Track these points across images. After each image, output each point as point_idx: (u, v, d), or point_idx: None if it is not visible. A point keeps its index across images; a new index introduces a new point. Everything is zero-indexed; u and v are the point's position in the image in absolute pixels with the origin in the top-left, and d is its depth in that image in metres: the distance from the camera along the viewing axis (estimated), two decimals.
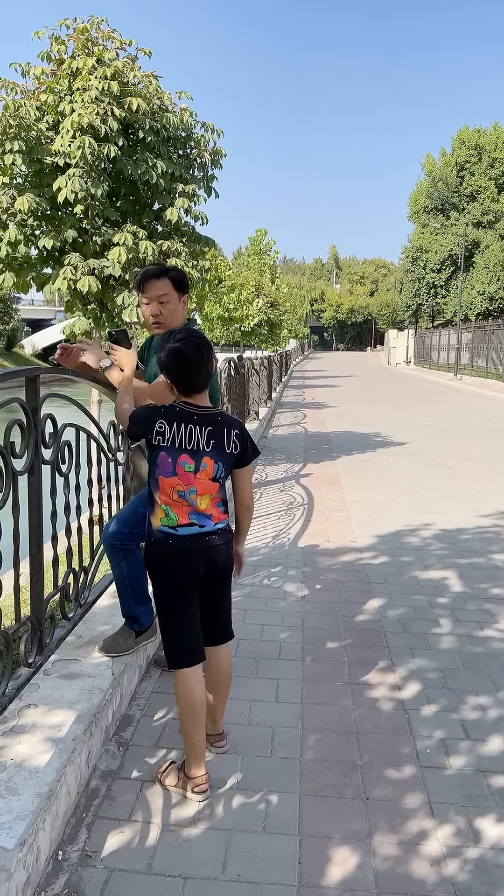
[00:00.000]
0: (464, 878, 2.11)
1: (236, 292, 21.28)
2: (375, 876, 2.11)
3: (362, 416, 15.62)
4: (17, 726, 2.41)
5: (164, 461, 2.39)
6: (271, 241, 33.73)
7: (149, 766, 2.63)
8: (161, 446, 2.39)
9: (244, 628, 3.84)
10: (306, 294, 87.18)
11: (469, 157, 48.13)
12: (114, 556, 2.99)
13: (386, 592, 4.54)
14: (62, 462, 2.85)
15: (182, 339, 2.35)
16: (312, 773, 2.60)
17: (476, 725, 2.95)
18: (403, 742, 2.83)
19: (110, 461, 3.46)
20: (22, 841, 1.88)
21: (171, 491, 2.40)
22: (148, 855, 2.17)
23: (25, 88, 6.85)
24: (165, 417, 2.39)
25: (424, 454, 10.43)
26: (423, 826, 2.34)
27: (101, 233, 6.97)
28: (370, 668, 3.45)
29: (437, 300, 50.24)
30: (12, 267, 7.04)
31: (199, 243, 7.68)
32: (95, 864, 2.12)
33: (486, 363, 30.59)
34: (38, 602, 2.69)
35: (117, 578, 3.05)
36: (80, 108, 6.37)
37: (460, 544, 5.71)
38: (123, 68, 6.70)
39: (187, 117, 7.11)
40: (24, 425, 2.50)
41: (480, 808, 2.43)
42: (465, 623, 4.05)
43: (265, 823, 2.33)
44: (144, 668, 3.35)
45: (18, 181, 6.95)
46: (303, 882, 2.08)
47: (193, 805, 2.41)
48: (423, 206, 51.06)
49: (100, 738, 2.64)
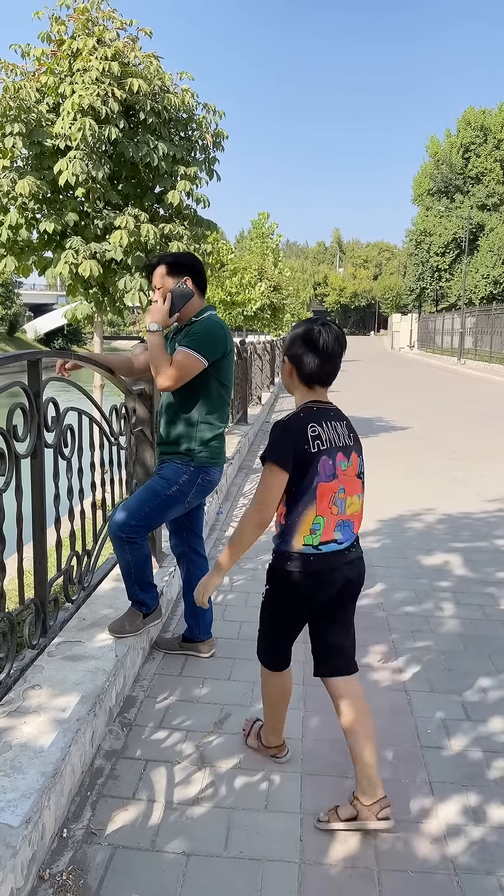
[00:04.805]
0: (464, 857, 2.14)
1: (238, 276, 21.18)
2: (376, 853, 2.14)
3: (365, 400, 15.59)
4: (22, 707, 2.44)
5: (325, 465, 2.15)
6: (274, 225, 33.51)
7: (152, 746, 2.66)
8: (321, 451, 2.15)
9: (246, 611, 3.86)
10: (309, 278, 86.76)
11: (474, 139, 47.65)
12: (120, 546, 3.01)
13: (388, 576, 4.55)
14: (65, 446, 2.85)
15: (323, 324, 2.17)
16: (314, 753, 2.63)
17: (477, 707, 2.98)
18: (404, 723, 2.85)
19: (112, 445, 3.47)
20: (27, 818, 1.91)
21: (332, 497, 2.17)
22: (151, 832, 2.20)
23: (25, 70, 6.77)
24: (313, 420, 2.17)
25: (428, 439, 10.42)
26: (424, 805, 2.36)
27: (103, 216, 6.92)
28: (372, 651, 3.47)
29: (441, 284, 49.97)
30: (13, 251, 7.00)
31: (201, 226, 7.62)
32: (100, 842, 2.16)
33: (490, 347, 30.48)
34: (42, 585, 2.70)
35: (123, 567, 3.07)
36: (80, 90, 6.30)
37: (463, 528, 5.72)
38: (124, 49, 6.61)
39: (189, 98, 7.03)
40: (26, 409, 2.50)
41: (480, 788, 2.45)
42: (467, 606, 4.07)
43: (267, 802, 2.36)
44: (147, 650, 3.38)
45: (19, 164, 6.89)
46: (304, 859, 2.11)
47: (196, 784, 2.44)
48: (427, 188, 50.63)
49: (103, 719, 2.67)
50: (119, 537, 2.98)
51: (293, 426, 2.15)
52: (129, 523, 2.96)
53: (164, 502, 3.01)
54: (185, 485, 3.02)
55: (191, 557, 3.37)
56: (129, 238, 6.60)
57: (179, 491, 3.01)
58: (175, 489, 3.00)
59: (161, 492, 3.00)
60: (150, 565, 3.14)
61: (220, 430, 3.10)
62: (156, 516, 3.04)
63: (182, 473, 3.01)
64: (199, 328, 2.97)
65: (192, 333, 2.95)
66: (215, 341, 2.95)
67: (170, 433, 3.07)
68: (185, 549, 3.37)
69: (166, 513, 3.08)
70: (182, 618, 3.59)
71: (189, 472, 3.02)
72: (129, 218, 6.67)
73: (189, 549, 3.37)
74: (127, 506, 3.03)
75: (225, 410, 3.11)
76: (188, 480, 3.02)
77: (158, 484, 3.03)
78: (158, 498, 3.00)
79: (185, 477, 3.01)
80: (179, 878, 2.02)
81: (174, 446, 3.05)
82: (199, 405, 3.01)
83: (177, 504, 3.05)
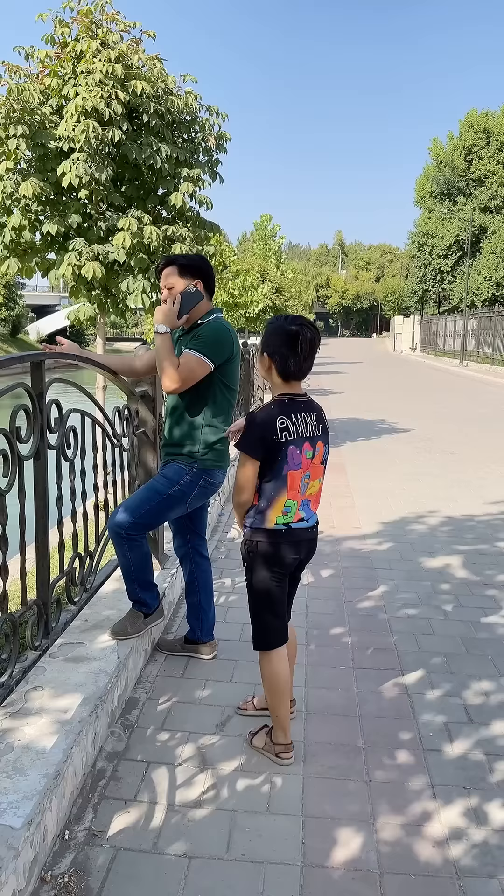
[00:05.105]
0: (466, 860, 2.13)
1: (241, 278, 21.22)
2: (378, 857, 2.13)
3: (367, 402, 15.58)
4: (24, 708, 2.44)
5: (293, 455, 2.41)
6: (276, 227, 33.56)
7: (154, 748, 2.66)
8: (289, 441, 2.40)
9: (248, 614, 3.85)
10: (311, 280, 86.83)
11: (477, 141, 47.64)
12: (119, 544, 3.01)
13: (390, 578, 4.55)
14: (67, 447, 2.85)
15: (301, 325, 2.38)
16: (316, 756, 2.63)
17: (479, 710, 2.97)
18: (407, 725, 2.84)
19: (115, 447, 3.47)
20: (29, 820, 1.91)
21: (300, 483, 2.45)
22: (153, 835, 2.20)
23: (29, 72, 6.80)
24: (283, 413, 2.40)
25: (430, 441, 10.41)
26: (426, 808, 2.36)
27: (106, 218, 6.94)
28: (374, 653, 3.47)
29: (444, 286, 49.94)
30: (17, 252, 7.02)
31: (204, 228, 7.64)
32: (101, 844, 2.15)
33: (493, 349, 30.45)
34: (45, 586, 2.70)
35: (122, 566, 3.07)
36: (84, 92, 6.32)
37: (465, 531, 5.71)
38: (128, 51, 6.64)
39: (192, 101, 7.05)
40: (29, 410, 2.50)
41: (483, 791, 2.44)
42: (470, 609, 4.06)
43: (269, 804, 2.35)
44: (150, 651, 3.38)
45: (23, 166, 6.92)
46: (306, 862, 2.10)
47: (198, 786, 2.43)
48: (429, 190, 50.61)
49: (105, 721, 2.67)
50: (118, 534, 2.98)
51: (263, 418, 2.40)
52: (129, 521, 2.96)
53: (165, 502, 3.01)
54: (186, 485, 3.02)
55: (194, 559, 3.37)
56: (132, 240, 6.61)
57: (181, 491, 3.01)
58: (176, 489, 3.00)
59: (162, 491, 3.00)
60: (150, 564, 3.14)
61: (224, 434, 3.10)
62: (156, 515, 3.04)
63: (184, 474, 3.02)
64: (205, 331, 2.96)
65: (199, 336, 2.95)
66: (222, 344, 2.95)
67: (174, 435, 3.07)
68: (188, 550, 3.38)
69: (167, 512, 3.08)
70: (183, 620, 3.59)
71: (192, 473, 3.02)
72: (132, 220, 6.68)
73: (192, 550, 3.37)
74: (127, 504, 3.03)
75: (229, 413, 3.11)
76: (190, 481, 3.02)
77: (160, 483, 3.03)
78: (159, 497, 3.00)
79: (187, 478, 3.01)
80: (181, 881, 2.01)
81: (178, 448, 3.06)
82: (203, 408, 3.01)
83: (178, 504, 3.05)
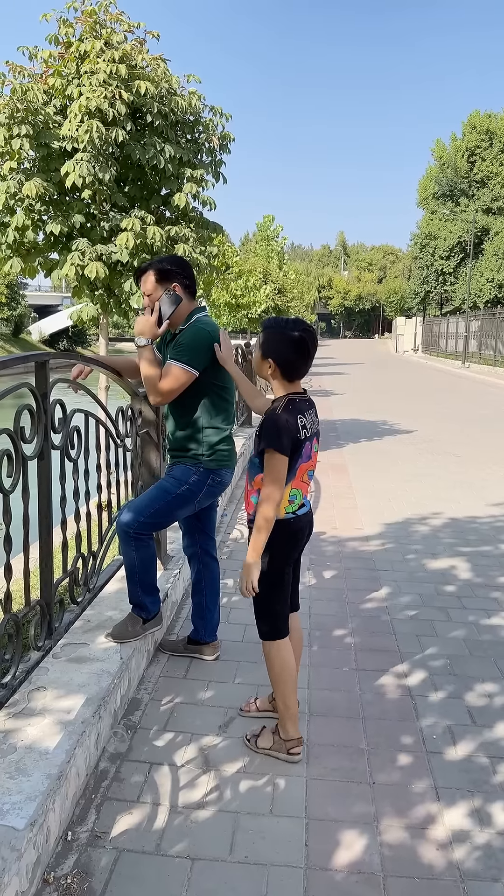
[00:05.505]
0: (470, 863, 2.12)
1: (244, 279, 21.22)
2: (381, 859, 2.13)
3: (369, 403, 15.57)
4: (27, 709, 2.43)
5: (307, 450, 2.52)
6: (279, 227, 33.54)
7: (157, 749, 2.65)
8: (307, 437, 2.50)
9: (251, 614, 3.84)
10: (314, 281, 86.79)
11: (480, 143, 47.60)
12: (126, 543, 3.00)
13: (393, 580, 4.54)
14: (71, 447, 2.86)
15: (304, 330, 2.47)
16: (319, 758, 2.62)
17: (483, 712, 2.96)
18: (410, 728, 2.84)
19: (118, 447, 3.47)
20: (32, 821, 1.91)
21: (304, 474, 2.56)
22: (156, 836, 2.19)
23: (33, 72, 6.80)
24: (300, 412, 2.49)
25: (432, 442, 10.40)
26: (430, 811, 2.35)
27: (109, 218, 6.94)
28: (377, 655, 3.46)
29: (446, 287, 49.91)
30: (20, 252, 7.02)
31: (207, 229, 7.63)
32: (104, 845, 2.15)
33: (495, 351, 30.41)
34: (48, 586, 2.70)
35: (127, 565, 3.06)
36: (87, 92, 6.32)
37: (468, 532, 5.70)
38: (131, 51, 6.64)
39: (195, 101, 7.04)
40: (33, 410, 2.50)
41: (487, 794, 2.44)
42: (473, 611, 4.05)
43: (272, 806, 2.35)
44: (152, 652, 3.37)
45: (26, 166, 6.91)
46: (309, 864, 2.10)
47: (201, 787, 2.43)
48: (432, 192, 50.59)
49: (108, 721, 2.66)
50: (127, 534, 2.97)
51: (289, 419, 2.45)
52: (138, 520, 2.96)
53: (174, 501, 3.01)
54: (195, 484, 3.02)
55: (202, 559, 3.37)
56: (136, 240, 6.61)
57: (189, 490, 3.01)
58: (185, 488, 3.00)
59: (171, 490, 3.01)
60: (155, 568, 3.14)
61: (227, 433, 3.10)
62: (165, 514, 3.04)
63: (192, 474, 3.02)
64: (184, 338, 2.95)
65: (179, 345, 2.95)
66: (201, 348, 2.92)
67: (177, 439, 3.07)
68: (196, 549, 3.37)
69: (176, 512, 3.08)
70: (186, 620, 3.59)
71: (199, 472, 3.02)
72: (136, 220, 6.68)
73: (201, 550, 3.37)
74: (136, 503, 3.03)
75: (229, 412, 3.11)
76: (198, 480, 3.02)
77: (169, 483, 3.04)
78: (169, 496, 3.00)
79: (195, 477, 3.02)
80: (184, 883, 2.01)
81: (183, 452, 3.06)
82: (201, 411, 3.01)
83: (187, 504, 3.05)
